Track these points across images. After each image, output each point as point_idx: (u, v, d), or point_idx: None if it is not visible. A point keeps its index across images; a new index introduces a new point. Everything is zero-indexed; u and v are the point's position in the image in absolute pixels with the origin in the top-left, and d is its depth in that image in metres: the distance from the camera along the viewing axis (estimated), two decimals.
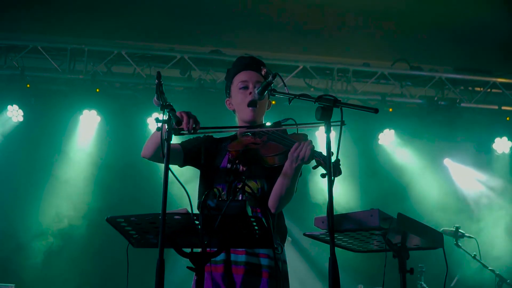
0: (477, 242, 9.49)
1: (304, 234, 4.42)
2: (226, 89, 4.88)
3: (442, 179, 12.02)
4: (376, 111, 3.75)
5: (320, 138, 11.65)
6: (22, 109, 11.05)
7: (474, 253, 9.36)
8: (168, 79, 11.36)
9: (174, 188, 3.98)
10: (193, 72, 11.43)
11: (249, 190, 3.90)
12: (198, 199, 4.33)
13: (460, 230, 9.32)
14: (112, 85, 11.41)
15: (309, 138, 4.22)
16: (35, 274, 10.54)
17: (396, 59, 11.98)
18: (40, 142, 11.02)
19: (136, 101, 11.05)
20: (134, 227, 3.74)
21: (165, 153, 3.65)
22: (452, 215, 11.39)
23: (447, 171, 12.09)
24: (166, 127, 3.74)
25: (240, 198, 3.99)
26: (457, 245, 9.29)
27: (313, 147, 4.12)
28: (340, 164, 4.01)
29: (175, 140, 3.97)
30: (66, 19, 10.92)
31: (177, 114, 3.99)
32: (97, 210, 10.52)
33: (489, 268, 9.37)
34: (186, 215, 3.54)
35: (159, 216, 3.48)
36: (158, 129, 3.75)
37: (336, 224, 3.97)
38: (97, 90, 10.97)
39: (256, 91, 4.36)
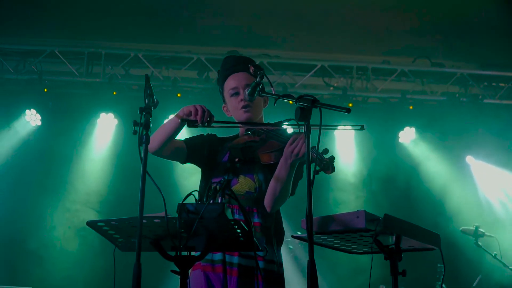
0: (497, 241, 9.33)
1: (292, 236, 4.35)
2: (221, 95, 4.85)
3: (463, 177, 11.81)
4: (348, 111, 3.69)
5: (338, 138, 11.56)
6: (40, 113, 11.13)
7: (495, 252, 9.20)
8: (186, 81, 11.41)
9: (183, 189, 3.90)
10: (210, 73, 11.37)
11: (229, 193, 3.83)
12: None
13: (480, 229, 9.16)
14: (129, 87, 11.39)
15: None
16: (50, 278, 10.58)
17: (417, 56, 11.80)
18: (57, 146, 11.05)
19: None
20: (117, 231, 3.70)
21: (142, 157, 3.62)
22: (473, 213, 11.19)
23: (469, 169, 11.90)
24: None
25: (219, 200, 3.95)
26: (477, 244, 9.14)
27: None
28: (334, 161, 3.92)
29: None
30: (83, 23, 10.96)
31: (190, 107, 4.16)
32: (115, 213, 10.48)
33: (510, 267, 9.20)
34: (167, 218, 3.47)
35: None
36: (134, 132, 3.71)
37: (322, 226, 3.89)
38: (114, 93, 10.99)
39: (246, 93, 4.32)
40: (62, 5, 10.59)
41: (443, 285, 8.95)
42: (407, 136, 11.69)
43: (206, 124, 4.11)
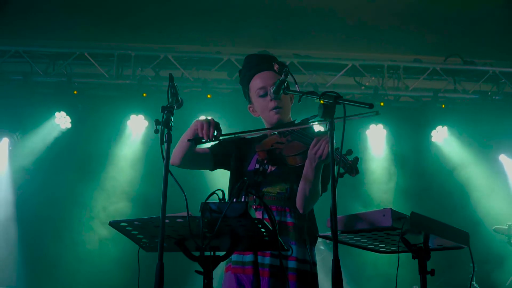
0: None
1: (318, 235, 4.28)
2: (245, 95, 4.82)
3: (496, 175, 11.64)
4: (370, 106, 3.62)
5: (371, 136, 11.47)
6: (69, 116, 11.17)
7: None
8: (216, 82, 11.35)
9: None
10: None
11: (252, 191, 3.78)
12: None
13: None
14: (159, 89, 11.35)
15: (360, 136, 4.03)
16: (84, 279, 10.63)
17: (448, 54, 11.66)
18: (88, 148, 11.11)
19: (184, 104, 10.95)
20: (141, 231, 3.68)
21: (164, 156, 3.59)
22: (505, 212, 11.01)
23: (502, 168, 11.72)
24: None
25: (243, 199, 3.90)
26: (509, 243, 9.01)
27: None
28: (357, 163, 3.84)
29: None
30: (112, 25, 10.99)
31: (197, 123, 4.09)
32: (147, 215, 10.45)
33: None
34: (190, 217, 3.42)
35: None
36: (156, 131, 3.67)
37: (348, 225, 3.84)
38: (144, 94, 10.99)
39: (272, 91, 4.27)
40: (91, 7, 10.61)
41: (475, 284, 8.80)
42: (440, 135, 11.56)
43: (213, 139, 4.12)
